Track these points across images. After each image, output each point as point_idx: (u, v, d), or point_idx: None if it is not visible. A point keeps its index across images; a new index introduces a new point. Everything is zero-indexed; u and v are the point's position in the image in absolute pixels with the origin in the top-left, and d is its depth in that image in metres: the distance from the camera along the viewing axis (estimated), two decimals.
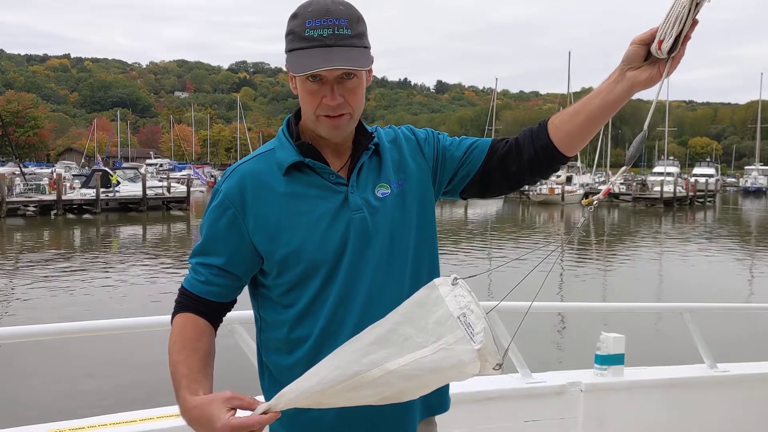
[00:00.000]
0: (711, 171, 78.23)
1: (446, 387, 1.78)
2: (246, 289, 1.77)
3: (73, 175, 47.21)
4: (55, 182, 37.40)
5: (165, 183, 44.95)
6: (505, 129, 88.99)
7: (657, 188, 55.91)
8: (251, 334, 2.48)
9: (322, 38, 1.55)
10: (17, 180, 38.99)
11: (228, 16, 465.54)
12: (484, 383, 3.50)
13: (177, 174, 60.77)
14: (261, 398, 1.73)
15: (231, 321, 2.63)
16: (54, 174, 42.53)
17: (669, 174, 64.47)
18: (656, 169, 73.38)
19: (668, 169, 67.43)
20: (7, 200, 34.38)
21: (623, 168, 1.72)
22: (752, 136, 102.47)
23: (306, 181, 1.66)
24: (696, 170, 79.36)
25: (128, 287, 16.36)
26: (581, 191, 52.86)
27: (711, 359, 4.16)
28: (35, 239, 28.07)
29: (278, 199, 1.65)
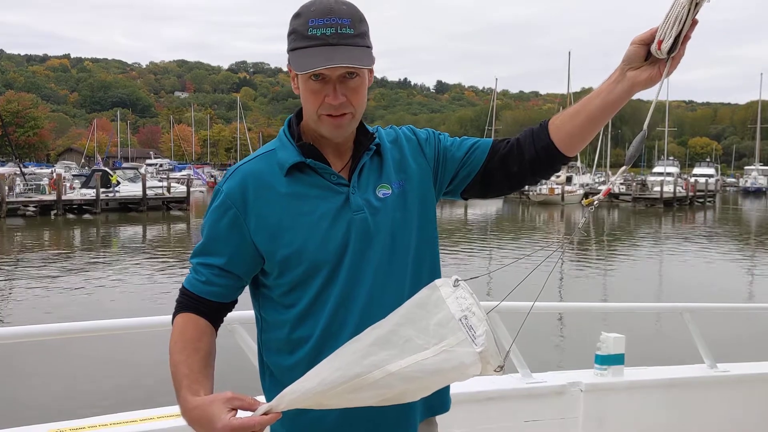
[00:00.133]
0: (711, 171, 78.23)
1: (447, 387, 1.78)
2: (246, 290, 1.77)
3: (73, 176, 47.21)
4: (55, 182, 37.39)
5: (165, 183, 44.97)
6: (505, 129, 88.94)
7: (657, 188, 55.92)
8: (252, 335, 2.48)
9: (325, 37, 1.55)
10: (18, 180, 38.95)
11: (228, 16, 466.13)
12: (485, 383, 3.51)
13: (177, 174, 60.77)
14: (262, 398, 1.73)
15: (231, 321, 2.62)
16: (54, 174, 42.50)
17: (669, 174, 64.48)
18: (656, 169, 73.37)
19: (668, 170, 67.45)
20: (7, 200, 34.38)
21: (623, 168, 1.72)
22: (752, 136, 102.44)
23: (307, 182, 1.66)
24: (696, 170, 79.35)
25: (128, 287, 16.35)
26: (581, 191, 52.87)
27: (711, 359, 4.16)
28: (35, 239, 28.07)
29: (279, 200, 1.65)
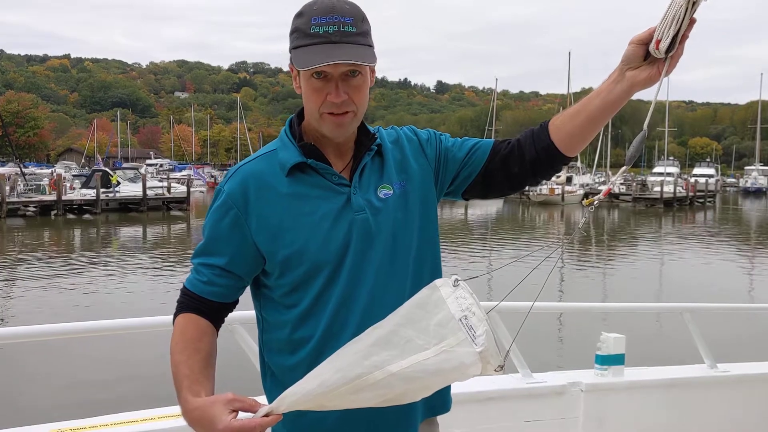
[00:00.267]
0: (711, 171, 78.22)
1: (448, 387, 1.78)
2: (247, 290, 1.77)
3: (73, 176, 47.21)
4: (55, 182, 37.38)
5: (165, 183, 44.94)
6: (505, 129, 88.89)
7: (657, 188, 55.91)
8: (252, 335, 2.49)
9: (328, 35, 1.55)
10: (18, 180, 38.93)
11: (228, 16, 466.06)
12: (485, 383, 3.51)
13: (177, 174, 60.71)
14: (263, 399, 1.73)
15: (232, 321, 2.62)
16: (54, 174, 42.48)
17: (669, 174, 64.50)
18: (656, 170, 73.39)
19: (668, 170, 67.47)
20: (8, 200, 34.38)
21: (623, 168, 1.73)
22: (752, 137, 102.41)
23: (309, 182, 1.66)
24: (696, 170, 79.34)
25: (128, 287, 16.35)
26: (581, 191, 52.87)
27: (711, 359, 4.16)
28: (35, 239, 28.07)
29: (281, 200, 1.65)
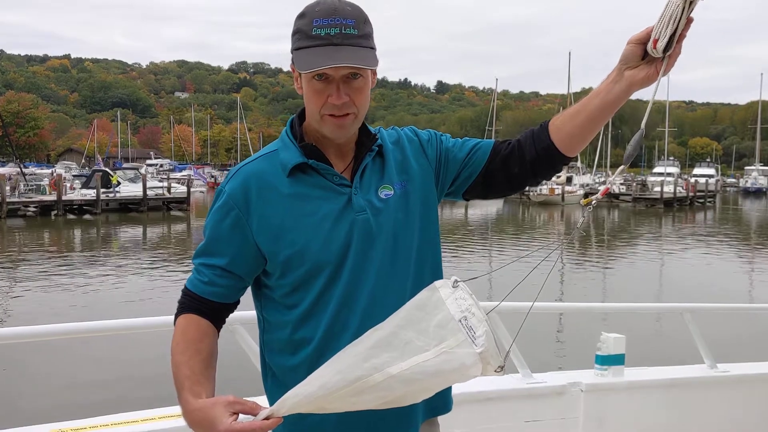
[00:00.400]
0: (711, 171, 78.19)
1: (449, 387, 1.78)
2: (248, 290, 1.77)
3: (74, 176, 47.24)
4: (56, 183, 37.37)
5: (165, 183, 44.94)
6: (505, 129, 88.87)
7: (657, 189, 55.90)
8: (253, 335, 2.49)
9: (330, 37, 1.55)
10: (20, 180, 38.93)
11: (228, 16, 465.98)
12: (485, 383, 3.51)
13: (177, 174, 60.73)
14: (263, 399, 1.74)
15: (232, 321, 2.62)
16: (54, 174, 42.49)
17: (669, 174, 64.50)
18: (656, 170, 73.40)
19: (668, 170, 67.48)
20: (8, 200, 34.38)
21: (621, 167, 1.73)
22: (752, 137, 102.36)
23: (310, 183, 1.66)
24: (696, 171, 79.31)
25: (128, 288, 16.35)
26: (581, 191, 52.84)
27: (711, 359, 4.16)
28: (35, 240, 28.08)
29: (282, 200, 1.65)
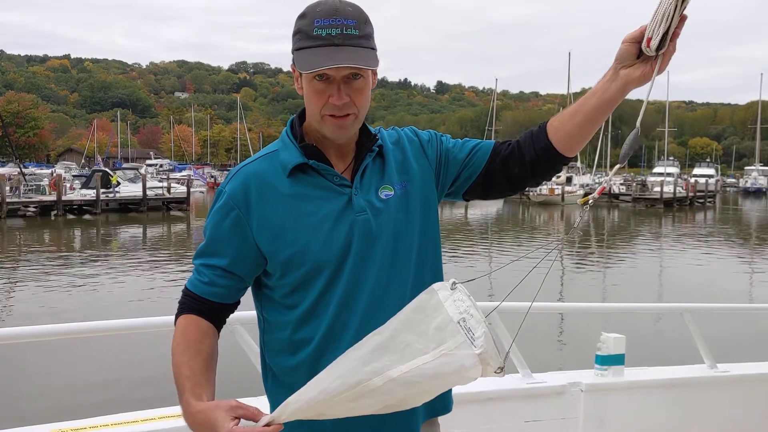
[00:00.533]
0: (711, 171, 78.17)
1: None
2: (248, 290, 1.76)
3: (74, 176, 47.25)
4: (56, 183, 37.37)
5: (165, 183, 44.96)
6: (505, 130, 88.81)
7: (657, 189, 55.92)
8: (253, 335, 2.49)
9: (331, 37, 1.55)
10: (20, 180, 38.91)
11: (228, 17, 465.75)
12: (485, 384, 3.50)
13: (177, 174, 60.77)
14: (264, 399, 1.74)
15: (233, 322, 2.63)
16: (54, 174, 42.50)
17: (669, 174, 64.53)
18: (656, 170, 73.42)
19: (668, 170, 67.51)
20: (8, 200, 34.38)
21: (617, 166, 1.73)
22: (752, 137, 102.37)
23: (310, 183, 1.66)
24: (696, 171, 79.32)
25: (128, 288, 16.35)
26: (581, 192, 52.85)
27: (711, 359, 4.16)
28: (35, 240, 28.08)
29: (282, 201, 1.65)
